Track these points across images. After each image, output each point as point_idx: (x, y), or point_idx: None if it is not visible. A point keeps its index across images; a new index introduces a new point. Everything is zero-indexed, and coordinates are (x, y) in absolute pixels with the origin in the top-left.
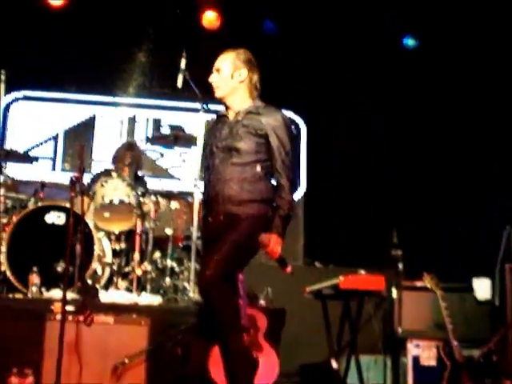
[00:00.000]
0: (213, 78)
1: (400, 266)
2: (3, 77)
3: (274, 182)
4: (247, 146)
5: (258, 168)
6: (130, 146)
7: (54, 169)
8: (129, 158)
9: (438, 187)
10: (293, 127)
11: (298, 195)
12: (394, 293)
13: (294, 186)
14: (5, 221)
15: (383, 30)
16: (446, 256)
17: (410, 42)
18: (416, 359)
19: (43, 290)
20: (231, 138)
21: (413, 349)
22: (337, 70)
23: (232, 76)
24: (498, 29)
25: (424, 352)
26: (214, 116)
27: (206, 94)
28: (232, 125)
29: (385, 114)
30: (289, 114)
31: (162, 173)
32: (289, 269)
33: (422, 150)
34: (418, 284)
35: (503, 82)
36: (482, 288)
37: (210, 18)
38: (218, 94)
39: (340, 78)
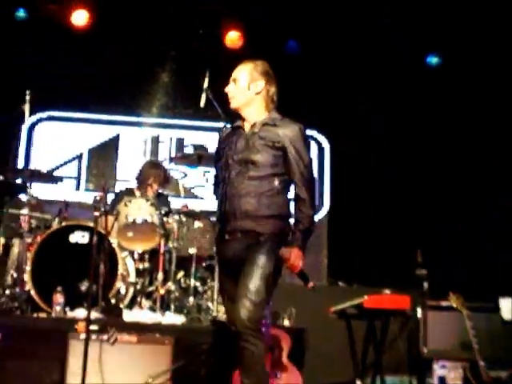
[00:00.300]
0: (229, 88)
1: (425, 285)
2: (28, 97)
3: (290, 195)
4: (264, 159)
5: (276, 182)
6: (153, 166)
7: (78, 188)
8: (152, 178)
9: (465, 207)
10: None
11: (322, 214)
12: (419, 312)
13: (314, 199)
14: (29, 240)
15: (406, 48)
16: (471, 275)
17: (433, 60)
18: (442, 380)
19: (67, 309)
20: (248, 150)
21: (439, 369)
22: (360, 88)
23: (248, 87)
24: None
25: (450, 373)
26: (227, 125)
27: (228, 113)
28: (248, 137)
29: (408, 132)
30: (312, 132)
31: (186, 192)
32: (311, 284)
33: (446, 171)
34: (444, 304)
35: (501, 82)
36: (508, 308)
37: (232, 38)
38: (233, 104)
39: (363, 96)
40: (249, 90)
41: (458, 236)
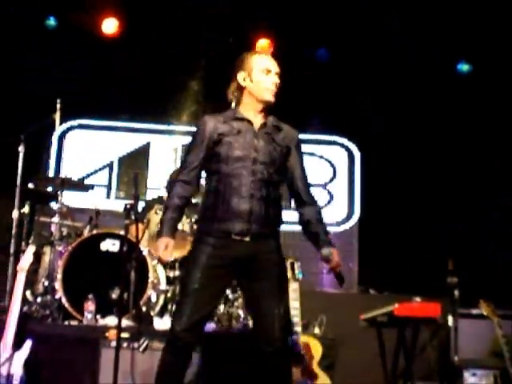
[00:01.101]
0: (277, 81)
1: (456, 293)
2: (58, 106)
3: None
4: (276, 164)
5: (280, 188)
6: None
7: (108, 196)
8: None
9: (498, 215)
10: None
11: (352, 222)
12: (450, 320)
13: None
14: (60, 248)
15: (437, 56)
16: (502, 283)
17: (464, 67)
18: None
19: (98, 317)
20: (263, 151)
21: (469, 377)
22: (390, 96)
23: None
24: None
25: (481, 381)
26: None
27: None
28: (260, 136)
29: (439, 140)
30: (343, 140)
31: None
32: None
33: (479, 179)
34: (475, 311)
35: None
36: None
37: (262, 45)
38: (273, 99)
39: (393, 104)
40: None
41: (489, 244)
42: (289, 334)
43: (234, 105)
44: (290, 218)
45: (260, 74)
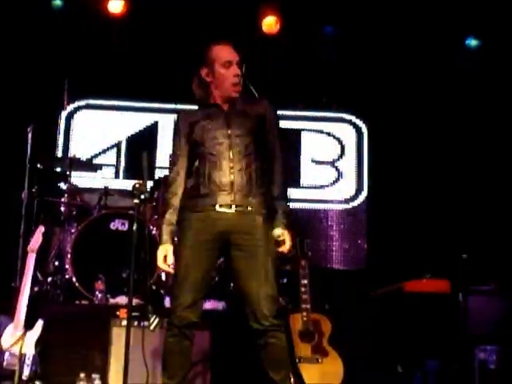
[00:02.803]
0: (238, 71)
1: (466, 269)
2: (66, 86)
3: None
4: (252, 132)
5: (261, 158)
6: None
7: (117, 176)
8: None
9: (504, 191)
10: None
11: (361, 199)
12: (460, 297)
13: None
14: (70, 228)
15: (445, 31)
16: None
17: (472, 42)
18: (483, 363)
19: (109, 296)
20: (236, 124)
21: (479, 353)
22: (398, 72)
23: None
24: None
25: (491, 356)
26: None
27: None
28: (231, 113)
29: (448, 115)
30: (351, 117)
31: None
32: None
33: (489, 151)
34: (485, 288)
35: None
36: None
37: (269, 23)
38: (239, 93)
39: (401, 80)
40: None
41: (500, 219)
42: (278, 311)
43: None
44: (298, 195)
45: (221, 68)
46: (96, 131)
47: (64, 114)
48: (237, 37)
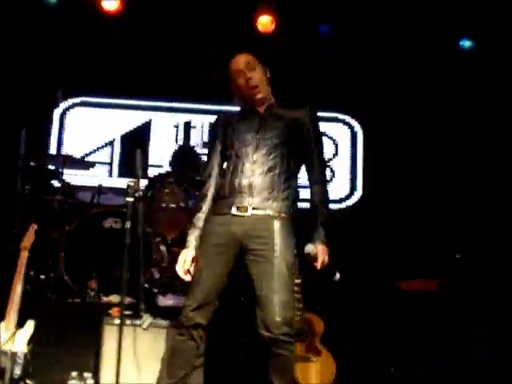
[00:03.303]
0: (254, 76)
1: (460, 270)
2: (60, 83)
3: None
4: (284, 133)
5: (292, 163)
6: (185, 151)
7: (110, 174)
8: (185, 163)
9: (503, 191)
10: None
11: (355, 199)
12: (456, 295)
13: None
14: (62, 226)
15: (439, 32)
16: (507, 259)
17: (466, 43)
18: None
19: (101, 294)
20: (266, 129)
21: (476, 352)
22: (392, 72)
23: (265, 73)
24: None
25: (487, 355)
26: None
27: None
28: (265, 115)
29: (443, 115)
30: (345, 117)
31: None
32: (337, 276)
33: (482, 151)
34: (481, 286)
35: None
36: None
37: (264, 22)
38: (262, 94)
39: (395, 80)
40: (265, 75)
41: (493, 219)
42: (291, 320)
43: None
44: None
45: (236, 81)
46: (90, 129)
47: (58, 112)
48: (232, 36)
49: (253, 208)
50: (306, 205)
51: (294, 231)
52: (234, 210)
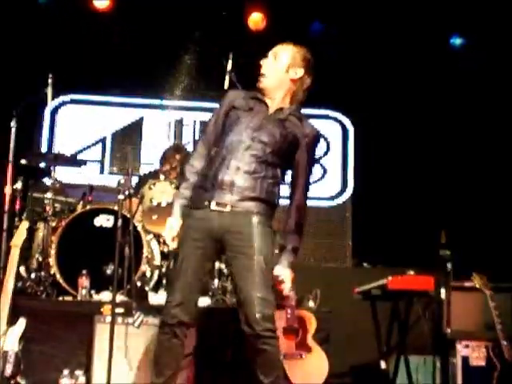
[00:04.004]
0: (266, 63)
1: (449, 266)
2: (50, 81)
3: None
4: (278, 147)
5: (279, 172)
6: (177, 149)
7: (102, 172)
8: (176, 161)
9: (489, 185)
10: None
11: (346, 196)
12: (443, 293)
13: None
14: (54, 224)
15: (430, 29)
16: (495, 255)
17: (457, 41)
18: (465, 360)
19: (93, 292)
20: (267, 131)
21: (462, 349)
22: (384, 70)
23: (287, 69)
24: None
25: (473, 352)
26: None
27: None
28: (271, 118)
29: (433, 112)
30: (336, 114)
31: None
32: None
33: (470, 148)
34: (467, 284)
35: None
36: None
37: (255, 20)
38: (264, 83)
39: (387, 78)
40: (287, 72)
41: (481, 216)
42: (271, 315)
43: None
44: (283, 192)
45: None
46: (81, 126)
47: (48, 109)
48: (224, 33)
49: (231, 206)
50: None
51: (272, 228)
52: (213, 205)
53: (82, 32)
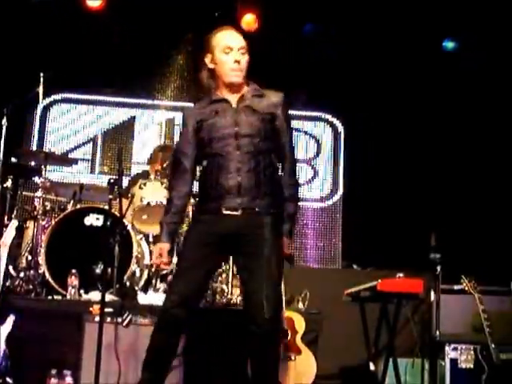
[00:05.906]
0: (244, 59)
1: (438, 268)
2: (42, 79)
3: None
4: (259, 132)
5: (273, 157)
6: (163, 148)
7: (92, 171)
8: (162, 160)
9: (479, 188)
10: None
11: (336, 197)
12: (432, 296)
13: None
14: (44, 223)
15: (423, 32)
16: (484, 259)
17: (449, 44)
18: (454, 362)
19: (82, 291)
20: (243, 123)
21: (451, 352)
22: (376, 72)
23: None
24: None
25: (462, 355)
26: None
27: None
28: (240, 110)
29: (424, 115)
30: (327, 116)
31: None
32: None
33: (460, 152)
34: (456, 287)
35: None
36: None
37: (248, 21)
38: (240, 78)
39: (378, 80)
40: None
41: (471, 219)
42: (279, 315)
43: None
44: None
45: (221, 54)
46: (72, 125)
47: (39, 108)
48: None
49: (242, 208)
50: None
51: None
52: (223, 210)
53: (75, 31)
